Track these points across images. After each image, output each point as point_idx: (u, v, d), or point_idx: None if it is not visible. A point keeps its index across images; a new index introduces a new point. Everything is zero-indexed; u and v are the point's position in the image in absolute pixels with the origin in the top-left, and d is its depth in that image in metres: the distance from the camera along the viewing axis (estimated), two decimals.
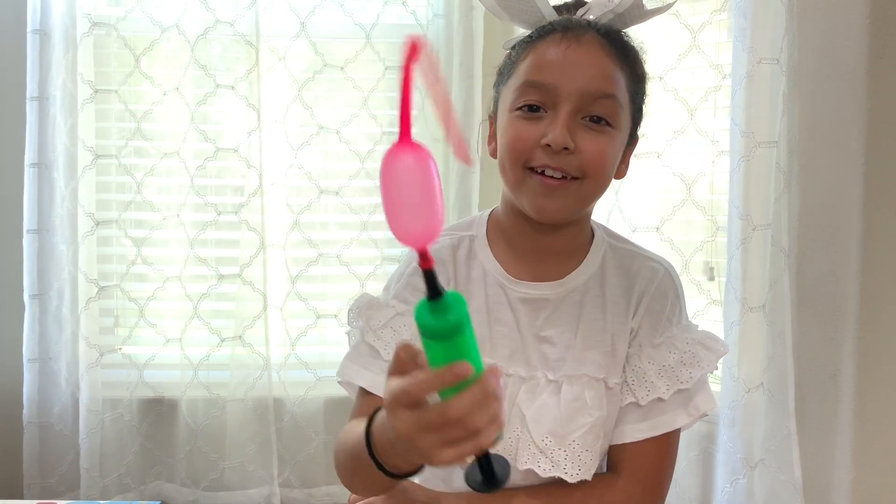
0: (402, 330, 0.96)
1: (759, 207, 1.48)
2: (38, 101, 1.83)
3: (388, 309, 0.98)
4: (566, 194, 0.90)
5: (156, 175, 1.92)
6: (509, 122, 0.92)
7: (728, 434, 1.52)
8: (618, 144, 0.92)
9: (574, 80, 0.88)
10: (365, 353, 0.98)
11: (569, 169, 0.89)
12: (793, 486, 1.47)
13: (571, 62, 0.88)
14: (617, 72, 0.90)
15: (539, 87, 0.89)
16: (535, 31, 0.94)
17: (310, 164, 1.95)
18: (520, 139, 0.90)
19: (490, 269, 0.98)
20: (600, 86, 0.89)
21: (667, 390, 0.94)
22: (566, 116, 0.88)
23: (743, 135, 1.47)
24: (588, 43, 0.90)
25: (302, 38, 1.92)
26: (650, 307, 0.97)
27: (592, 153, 0.89)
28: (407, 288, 0.99)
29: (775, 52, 1.45)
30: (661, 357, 0.95)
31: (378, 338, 0.97)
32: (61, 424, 1.89)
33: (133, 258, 1.92)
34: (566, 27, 0.91)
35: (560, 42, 0.90)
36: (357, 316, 1.00)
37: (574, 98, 0.88)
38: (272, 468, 1.91)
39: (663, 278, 0.98)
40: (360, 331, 1.00)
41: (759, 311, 1.48)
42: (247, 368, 1.90)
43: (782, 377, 1.48)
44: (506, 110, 0.93)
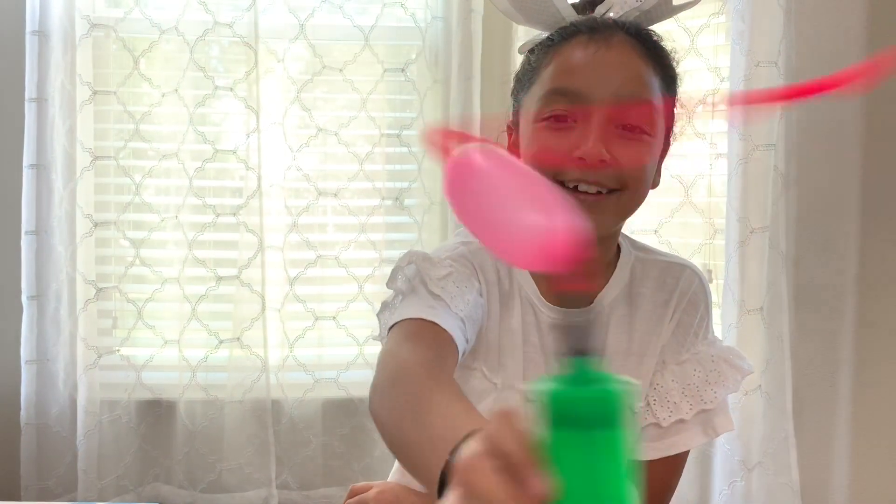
0: (465, 289, 0.82)
1: (757, 210, 1.48)
2: (37, 102, 1.83)
3: (445, 267, 0.84)
4: (603, 209, 0.82)
5: (154, 176, 1.92)
6: (534, 134, 0.83)
7: (726, 436, 1.52)
8: (655, 152, 0.84)
9: (606, 86, 0.80)
10: (426, 297, 0.80)
11: (606, 182, 0.80)
12: (790, 489, 1.47)
13: (601, 66, 0.80)
14: (650, 74, 0.82)
15: (567, 95, 0.81)
16: (556, 34, 0.86)
17: (308, 166, 1.95)
18: (548, 152, 0.81)
19: (525, 287, 0.90)
20: (634, 90, 0.81)
21: (689, 410, 0.89)
22: (599, 126, 0.79)
23: (741, 138, 1.48)
24: (618, 44, 0.81)
25: (301, 39, 1.92)
26: (681, 321, 0.91)
27: (632, 161, 0.80)
28: (464, 259, 0.86)
29: (773, 55, 1.45)
30: (686, 375, 0.90)
31: (442, 288, 0.81)
32: (59, 426, 1.89)
33: (131, 260, 1.92)
34: (592, 28, 0.83)
35: (587, 44, 0.81)
36: (413, 264, 0.84)
37: (606, 105, 0.79)
38: (270, 470, 1.91)
39: (697, 289, 0.92)
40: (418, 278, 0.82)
41: (757, 313, 1.49)
42: (245, 370, 1.90)
43: (780, 380, 1.48)
44: (530, 121, 0.84)
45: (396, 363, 0.73)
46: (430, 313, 0.77)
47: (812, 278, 1.53)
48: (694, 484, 1.63)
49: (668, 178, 1.65)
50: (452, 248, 0.88)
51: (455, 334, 0.77)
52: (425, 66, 1.94)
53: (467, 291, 0.82)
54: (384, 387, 0.72)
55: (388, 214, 1.98)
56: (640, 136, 0.81)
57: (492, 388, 0.87)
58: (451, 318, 0.78)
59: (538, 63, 0.86)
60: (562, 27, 0.86)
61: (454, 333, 0.77)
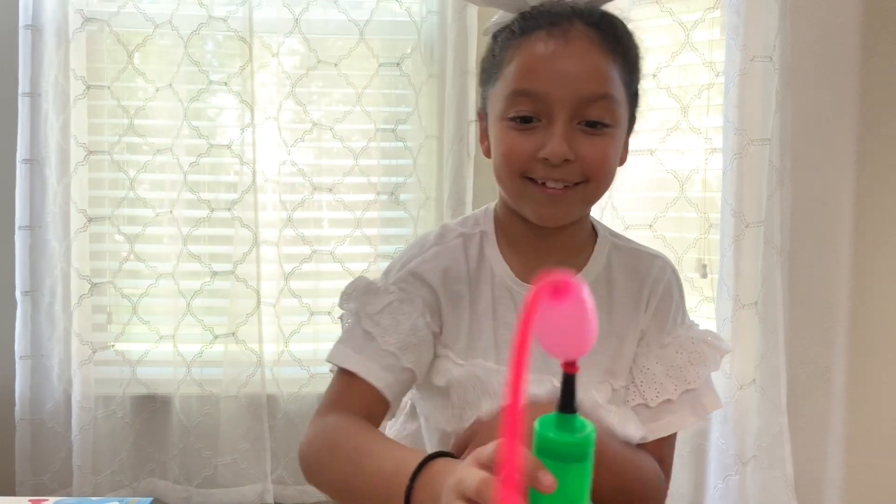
0: (401, 318, 0.90)
1: (751, 205, 1.49)
2: (31, 97, 1.82)
3: (386, 294, 0.91)
4: (570, 201, 0.86)
5: (149, 171, 1.91)
6: (502, 132, 0.86)
7: (720, 431, 1.52)
8: (618, 141, 0.87)
9: (567, 86, 0.82)
10: (358, 336, 0.90)
11: (571, 177, 0.84)
12: (785, 483, 1.48)
13: (562, 66, 0.82)
14: (610, 66, 0.84)
15: (530, 96, 0.83)
16: (517, 24, 0.87)
17: (303, 161, 1.94)
18: (515, 152, 0.85)
19: (498, 271, 0.93)
20: (595, 88, 0.83)
21: (675, 390, 0.93)
22: (562, 126, 0.82)
23: (736, 132, 1.48)
24: (576, 39, 0.83)
25: (295, 34, 1.91)
26: (658, 307, 0.95)
27: (594, 158, 0.84)
28: (408, 279, 0.92)
29: (768, 49, 1.45)
30: (670, 357, 0.94)
31: (375, 323, 0.90)
32: (53, 422, 1.88)
33: (126, 255, 1.91)
34: (551, 22, 0.84)
35: (547, 42, 0.83)
36: (352, 299, 0.93)
37: (568, 105, 0.82)
38: (265, 465, 1.91)
39: (670, 277, 0.96)
40: (354, 315, 0.92)
41: (752, 307, 1.49)
42: (240, 365, 1.90)
43: (775, 374, 1.48)
44: (497, 117, 0.87)
45: (327, 434, 0.83)
46: (357, 362, 0.87)
47: (807, 273, 1.54)
48: (688, 478, 1.64)
49: (664, 172, 1.65)
50: (405, 263, 0.93)
51: (380, 384, 0.86)
52: (420, 60, 1.93)
53: (404, 319, 0.89)
54: (321, 455, 0.83)
55: (383, 209, 1.98)
56: (603, 129, 0.84)
57: (459, 368, 0.91)
58: (379, 359, 0.87)
59: (501, 57, 0.88)
60: (522, 16, 0.88)
61: (379, 384, 0.86)
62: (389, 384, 0.87)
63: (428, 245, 0.94)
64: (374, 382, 0.87)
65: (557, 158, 0.82)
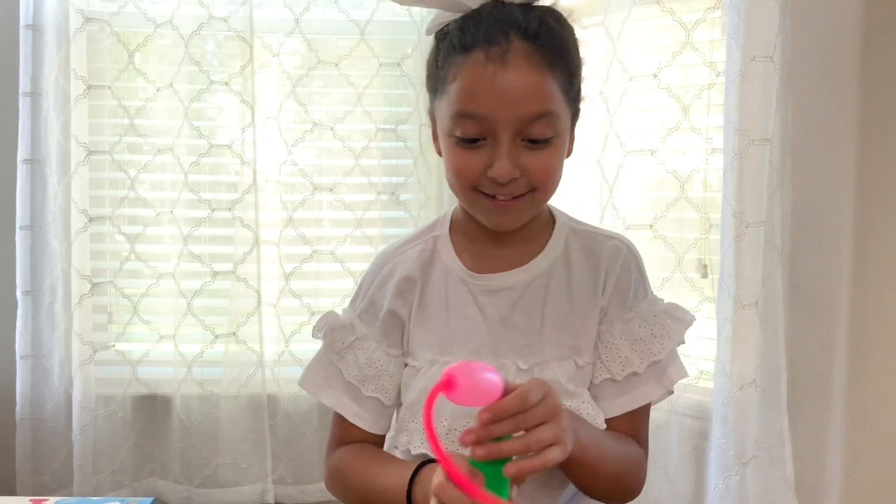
0: (359, 353, 1.00)
1: (752, 205, 1.48)
2: (31, 97, 1.82)
3: (350, 332, 1.01)
4: (520, 209, 0.91)
5: (149, 171, 1.91)
6: (451, 149, 0.90)
7: (721, 431, 1.52)
8: (561, 148, 0.91)
9: (508, 109, 0.85)
10: (329, 369, 1.01)
11: (519, 190, 0.89)
12: (785, 483, 1.48)
13: (502, 89, 0.84)
14: (549, 81, 0.86)
15: (473, 118, 0.86)
16: (455, 36, 0.89)
17: (304, 161, 1.94)
18: (464, 170, 0.89)
19: (453, 268, 0.99)
20: (535, 108, 0.86)
21: (640, 363, 0.95)
22: (506, 146, 0.86)
23: (736, 132, 1.48)
24: (514, 60, 0.85)
25: (296, 34, 1.91)
26: (617, 285, 0.97)
27: (539, 170, 0.88)
28: (369, 308, 1.01)
29: (769, 49, 1.45)
30: (633, 331, 0.96)
31: (341, 359, 1.00)
32: (54, 421, 1.89)
33: (126, 255, 1.92)
34: (488, 39, 0.85)
35: (486, 65, 0.85)
36: (321, 335, 1.03)
37: (511, 126, 0.85)
38: (266, 465, 1.91)
39: (627, 256, 0.99)
40: (325, 349, 1.03)
41: (752, 308, 1.49)
42: (241, 365, 1.90)
43: (775, 374, 1.48)
44: (444, 132, 0.91)
45: (337, 470, 1.00)
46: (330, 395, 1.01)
47: (807, 273, 1.53)
48: (688, 479, 1.64)
49: (664, 173, 1.65)
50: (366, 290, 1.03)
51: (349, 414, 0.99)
52: (421, 60, 1.93)
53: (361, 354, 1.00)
54: (338, 490, 1.00)
55: (383, 209, 1.98)
56: (547, 142, 0.88)
57: (414, 372, 0.98)
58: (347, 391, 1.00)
59: (445, 72, 0.89)
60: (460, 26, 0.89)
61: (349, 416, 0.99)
62: (357, 412, 0.99)
63: (381, 263, 1.02)
64: (345, 414, 1.00)
65: (504, 178, 0.86)
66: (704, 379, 1.64)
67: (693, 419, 1.63)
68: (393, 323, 1.00)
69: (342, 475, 0.99)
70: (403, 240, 1.04)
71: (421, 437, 0.95)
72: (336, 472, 1.00)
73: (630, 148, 1.67)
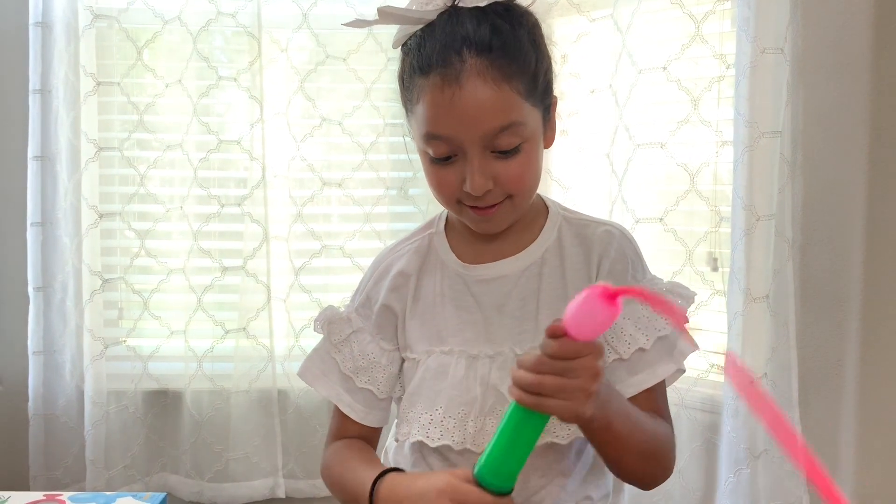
0: (354, 346, 1.03)
1: (762, 198, 1.48)
2: (41, 94, 1.83)
3: (347, 325, 1.04)
4: (501, 215, 0.94)
5: (159, 167, 1.92)
6: (427, 166, 0.94)
7: (731, 425, 1.52)
8: (533, 148, 0.93)
9: (471, 128, 0.88)
10: (327, 361, 1.05)
11: (496, 199, 0.92)
12: (796, 477, 1.47)
13: (461, 111, 0.87)
14: (507, 92, 0.88)
15: (441, 139, 0.90)
16: (415, 56, 0.91)
17: (312, 156, 1.94)
18: (443, 186, 0.93)
19: (448, 261, 1.02)
20: (497, 122, 0.88)
21: (647, 340, 0.95)
22: (477, 161, 0.89)
23: (747, 125, 1.47)
24: (468, 79, 0.86)
25: (304, 29, 1.91)
26: (612, 269, 0.98)
27: (512, 179, 0.91)
28: (367, 303, 1.05)
29: (779, 41, 1.44)
30: (635, 311, 0.96)
31: (338, 351, 1.04)
32: (66, 417, 1.90)
33: (137, 250, 1.92)
34: (442, 61, 0.87)
35: (443, 90, 0.87)
36: (321, 328, 1.07)
37: (477, 142, 0.88)
38: (276, 459, 1.92)
39: (620, 240, 1.00)
40: (324, 341, 1.07)
41: (763, 301, 1.48)
42: (251, 360, 1.90)
43: (786, 368, 1.48)
44: (419, 148, 0.95)
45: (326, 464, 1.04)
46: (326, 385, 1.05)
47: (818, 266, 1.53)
48: (700, 472, 1.63)
49: (674, 166, 1.64)
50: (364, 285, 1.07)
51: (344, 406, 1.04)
52: None
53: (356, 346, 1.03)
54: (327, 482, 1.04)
55: (392, 204, 1.98)
56: (516, 150, 0.90)
57: (413, 364, 1.01)
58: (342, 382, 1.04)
59: (410, 93, 0.93)
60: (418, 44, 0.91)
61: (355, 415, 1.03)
62: (350, 403, 1.03)
63: (379, 261, 1.07)
64: (339, 405, 1.04)
65: (479, 192, 0.90)
66: (715, 373, 1.63)
67: (704, 413, 1.62)
68: (386, 318, 1.03)
69: (329, 469, 1.03)
70: (401, 239, 1.08)
71: (419, 425, 0.96)
72: (326, 466, 1.04)
73: (639, 141, 1.66)
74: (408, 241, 1.07)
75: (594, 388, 0.78)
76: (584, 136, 1.79)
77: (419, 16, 0.92)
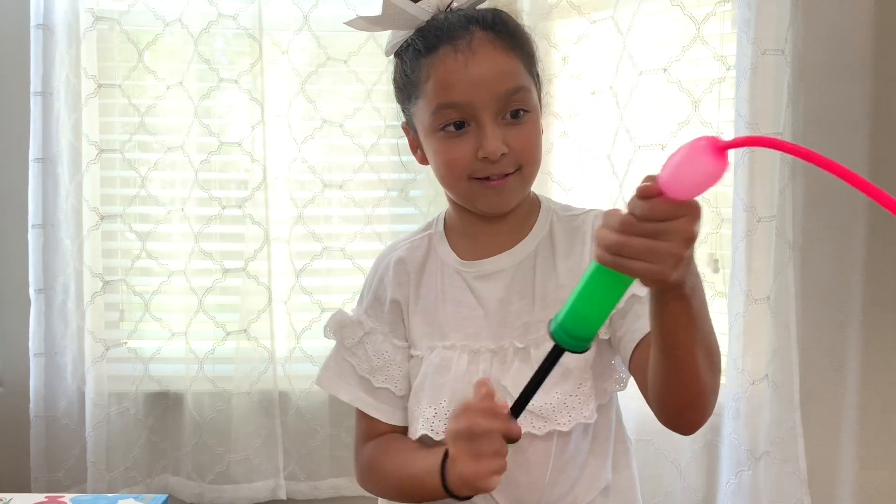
0: (368, 347, 1.04)
1: (763, 199, 1.48)
2: (42, 95, 1.83)
3: (358, 328, 1.06)
4: (512, 188, 0.96)
5: (160, 169, 1.92)
6: (437, 144, 0.96)
7: (733, 426, 1.52)
8: (538, 122, 0.97)
9: (486, 91, 0.92)
10: (343, 366, 1.06)
11: (508, 168, 0.94)
12: (798, 478, 1.47)
13: (475, 74, 0.92)
14: (514, 61, 0.94)
15: (455, 107, 0.93)
16: (419, 42, 0.96)
17: (314, 158, 1.94)
18: (456, 159, 0.94)
19: (447, 260, 1.04)
20: (509, 84, 0.93)
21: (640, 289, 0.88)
22: (491, 125, 0.92)
23: (747, 126, 1.47)
24: (481, 48, 0.93)
25: (305, 31, 1.91)
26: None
27: (523, 147, 0.94)
28: (374, 303, 1.06)
29: (780, 43, 1.44)
30: None
31: (352, 354, 1.05)
32: (67, 418, 1.90)
33: (138, 252, 1.92)
34: (452, 35, 0.94)
35: (456, 57, 0.92)
36: (332, 333, 1.08)
37: (491, 106, 0.92)
38: (277, 461, 1.91)
39: (601, 215, 0.99)
40: (337, 347, 1.08)
41: (764, 302, 1.48)
42: (252, 362, 1.90)
43: (787, 369, 1.48)
44: (428, 132, 0.96)
45: (367, 465, 1.04)
46: (347, 390, 1.05)
47: (819, 267, 1.53)
48: (700, 474, 1.63)
49: None
50: (369, 286, 1.08)
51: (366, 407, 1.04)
52: None
53: (370, 347, 1.04)
54: (372, 482, 1.04)
55: (393, 206, 1.98)
56: (524, 117, 0.95)
57: (419, 361, 1.02)
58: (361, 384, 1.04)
59: (415, 76, 0.96)
60: (421, 34, 0.97)
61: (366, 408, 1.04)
62: (373, 405, 1.04)
63: (378, 262, 1.09)
64: (363, 408, 1.04)
65: (495, 155, 0.92)
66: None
67: None
68: (397, 313, 1.05)
69: (374, 469, 1.03)
70: (399, 239, 1.11)
71: (424, 419, 0.98)
72: (368, 468, 1.04)
73: (640, 143, 1.66)
74: (406, 240, 1.09)
75: (686, 253, 0.69)
76: (584, 138, 1.79)
77: (417, 13, 0.96)
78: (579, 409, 0.95)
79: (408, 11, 0.96)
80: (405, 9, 0.96)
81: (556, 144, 1.83)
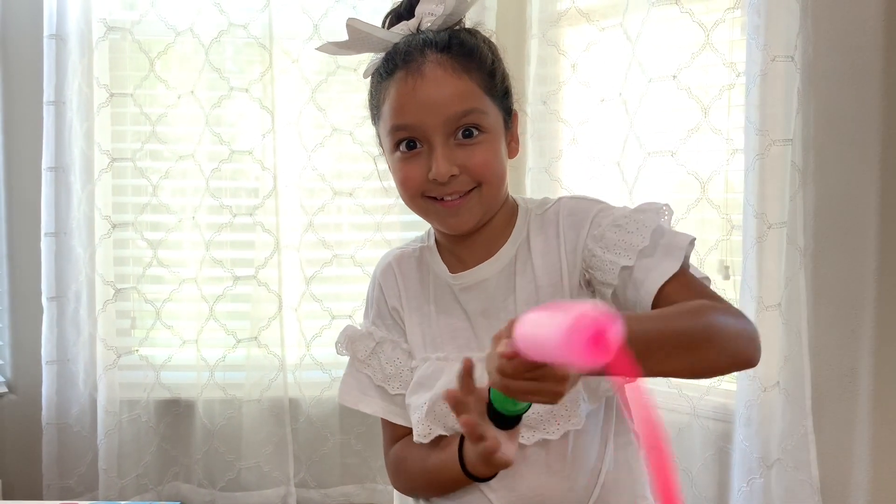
0: (381, 356, 1.06)
1: (774, 205, 1.47)
2: (55, 105, 1.85)
3: (369, 339, 1.08)
4: (470, 207, 0.97)
5: (171, 178, 1.93)
6: (395, 164, 0.99)
7: (744, 433, 1.51)
8: (496, 141, 0.97)
9: (435, 114, 0.93)
10: (360, 378, 1.08)
11: (463, 187, 0.95)
12: (810, 486, 1.46)
13: (423, 97, 0.94)
14: (467, 82, 0.95)
15: (406, 129, 0.96)
16: (382, 66, 0.99)
17: (324, 166, 1.95)
18: (409, 179, 0.97)
19: (439, 272, 1.05)
20: (457, 107, 0.94)
21: (628, 258, 0.92)
22: (441, 148, 0.94)
23: (758, 133, 1.47)
24: (430, 71, 0.94)
25: (315, 40, 1.92)
26: (572, 225, 0.99)
27: (477, 165, 0.95)
28: (379, 314, 1.08)
29: (790, 49, 1.44)
30: (606, 238, 0.95)
31: (367, 366, 1.07)
32: (79, 426, 1.91)
33: (149, 260, 1.93)
34: (406, 60, 0.96)
35: (406, 80, 0.95)
36: (344, 349, 1.10)
37: (441, 128, 0.94)
38: (288, 468, 1.92)
39: (566, 202, 1.02)
40: (352, 362, 1.10)
41: (775, 309, 1.48)
42: (262, 369, 1.91)
43: (799, 376, 1.47)
44: (388, 152, 1.01)
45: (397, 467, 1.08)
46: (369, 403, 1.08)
47: (831, 274, 1.52)
48: (712, 482, 1.63)
49: (685, 174, 1.64)
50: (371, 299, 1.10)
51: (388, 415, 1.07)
52: None
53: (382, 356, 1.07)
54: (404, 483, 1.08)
55: (402, 213, 1.98)
56: (478, 137, 0.95)
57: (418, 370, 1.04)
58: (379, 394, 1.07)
59: (377, 99, 1.01)
60: (385, 58, 1.00)
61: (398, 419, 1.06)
62: (395, 412, 1.06)
63: (374, 276, 1.10)
64: (386, 416, 1.07)
65: (443, 177, 0.94)
66: (727, 381, 1.62)
67: (716, 422, 1.61)
68: (398, 319, 1.08)
69: (401, 467, 1.07)
70: (391, 250, 1.13)
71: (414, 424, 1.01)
72: (396, 468, 1.08)
73: (650, 149, 1.66)
74: (398, 249, 1.12)
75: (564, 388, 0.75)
76: (594, 145, 1.79)
77: (385, 35, 0.99)
78: (566, 416, 0.96)
79: (375, 35, 0.99)
80: (371, 33, 0.99)
81: (565, 151, 1.83)
